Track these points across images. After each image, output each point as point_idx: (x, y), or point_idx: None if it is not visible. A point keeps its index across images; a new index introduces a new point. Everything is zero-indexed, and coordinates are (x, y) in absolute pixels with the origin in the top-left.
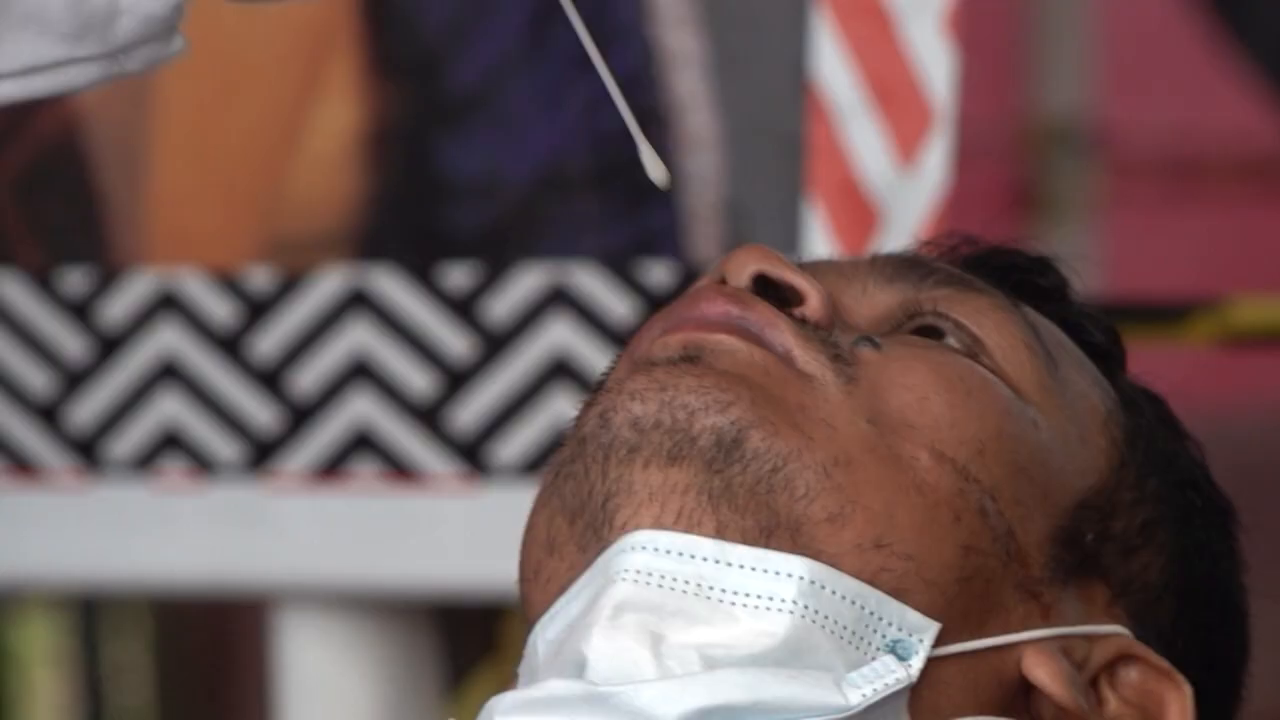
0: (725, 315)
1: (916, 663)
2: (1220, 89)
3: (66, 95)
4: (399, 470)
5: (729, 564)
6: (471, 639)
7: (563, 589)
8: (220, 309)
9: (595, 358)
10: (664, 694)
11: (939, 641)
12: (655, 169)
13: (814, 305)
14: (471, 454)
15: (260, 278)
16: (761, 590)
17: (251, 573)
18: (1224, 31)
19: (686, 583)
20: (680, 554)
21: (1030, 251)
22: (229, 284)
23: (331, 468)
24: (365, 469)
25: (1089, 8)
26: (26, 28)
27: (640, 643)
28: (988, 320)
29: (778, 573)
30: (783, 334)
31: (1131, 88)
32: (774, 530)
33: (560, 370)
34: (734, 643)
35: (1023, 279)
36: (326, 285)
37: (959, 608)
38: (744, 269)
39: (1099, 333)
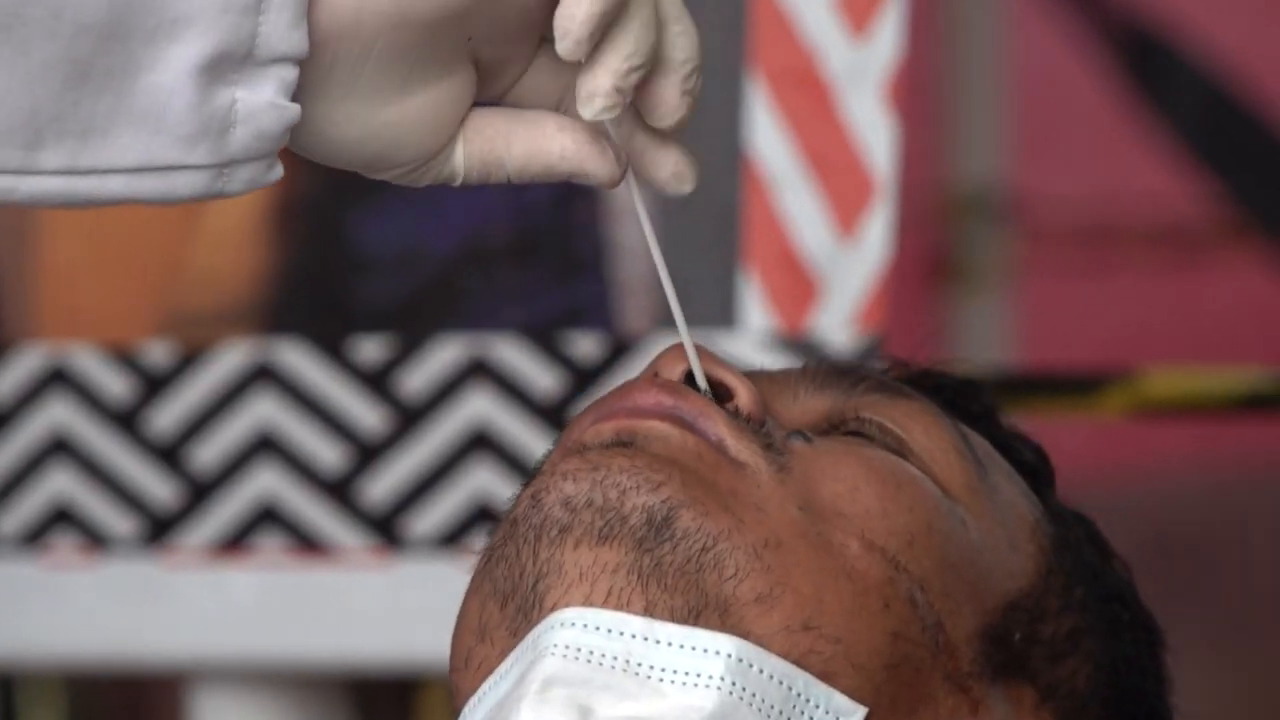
0: (658, 404)
1: None
2: (1135, 156)
3: (168, 204)
4: (307, 544)
5: (657, 641)
6: (386, 712)
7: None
8: (115, 384)
9: (517, 429)
10: None
11: None
12: (699, 380)
13: (744, 400)
14: (385, 527)
15: (158, 353)
16: (689, 667)
17: (150, 648)
18: (1141, 98)
19: (615, 658)
20: (609, 630)
21: (959, 374)
22: (125, 359)
23: (234, 542)
24: (270, 543)
25: (1003, 75)
26: (144, 125)
27: (568, 716)
28: (916, 424)
29: (705, 650)
30: (716, 424)
31: (1046, 155)
32: (702, 610)
33: (480, 442)
34: (663, 716)
35: (952, 400)
36: (229, 359)
37: (887, 694)
38: (676, 364)
39: (1028, 451)
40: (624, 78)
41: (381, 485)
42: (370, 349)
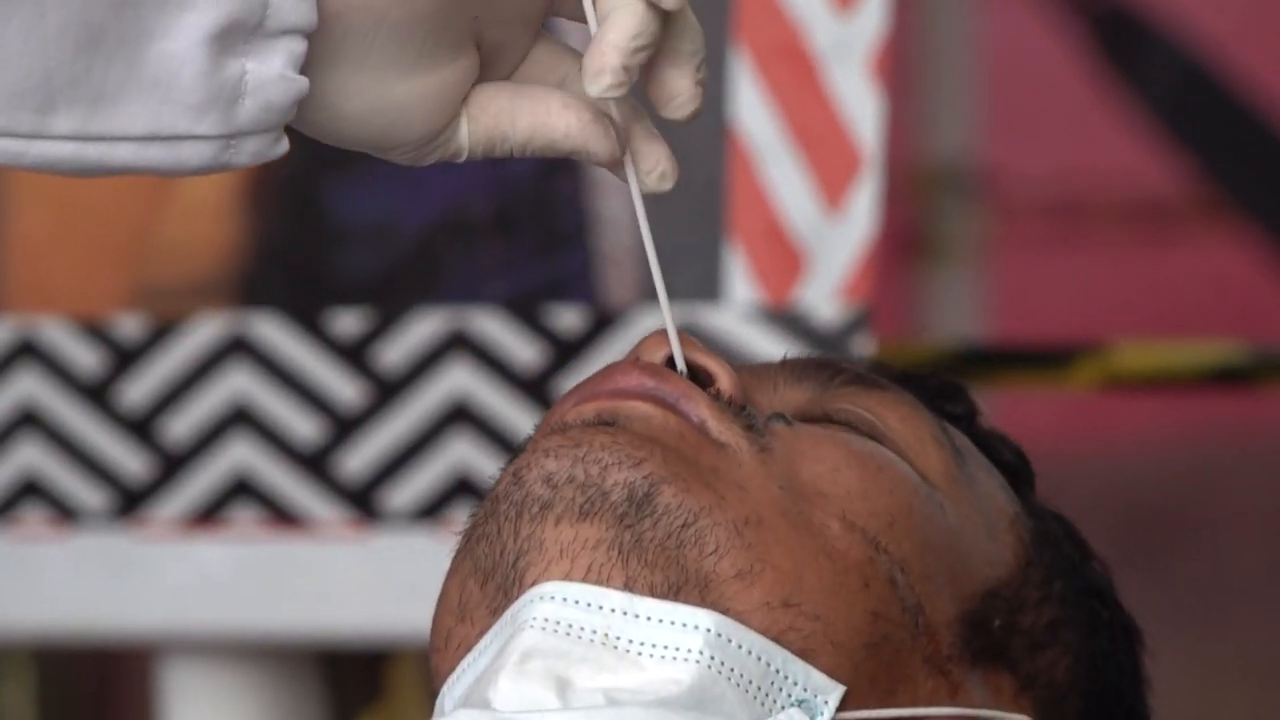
0: (640, 386)
1: None
2: (1106, 132)
3: (174, 175)
4: (282, 516)
5: (636, 615)
6: (356, 685)
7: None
8: (85, 357)
9: (498, 402)
10: None
11: (846, 706)
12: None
13: (726, 384)
14: (362, 500)
15: (129, 326)
16: (668, 641)
17: (122, 621)
18: (1112, 73)
19: (594, 632)
20: (589, 605)
21: (941, 377)
22: (95, 332)
23: (208, 514)
24: (244, 515)
25: (974, 51)
26: (153, 93)
27: (546, 687)
28: (891, 413)
29: (684, 624)
30: (698, 405)
31: (1017, 131)
32: (683, 586)
33: (460, 415)
34: (641, 688)
35: (932, 400)
36: (203, 332)
37: (867, 673)
38: (658, 349)
39: (1008, 452)
40: (631, 56)
41: (359, 458)
42: (348, 322)
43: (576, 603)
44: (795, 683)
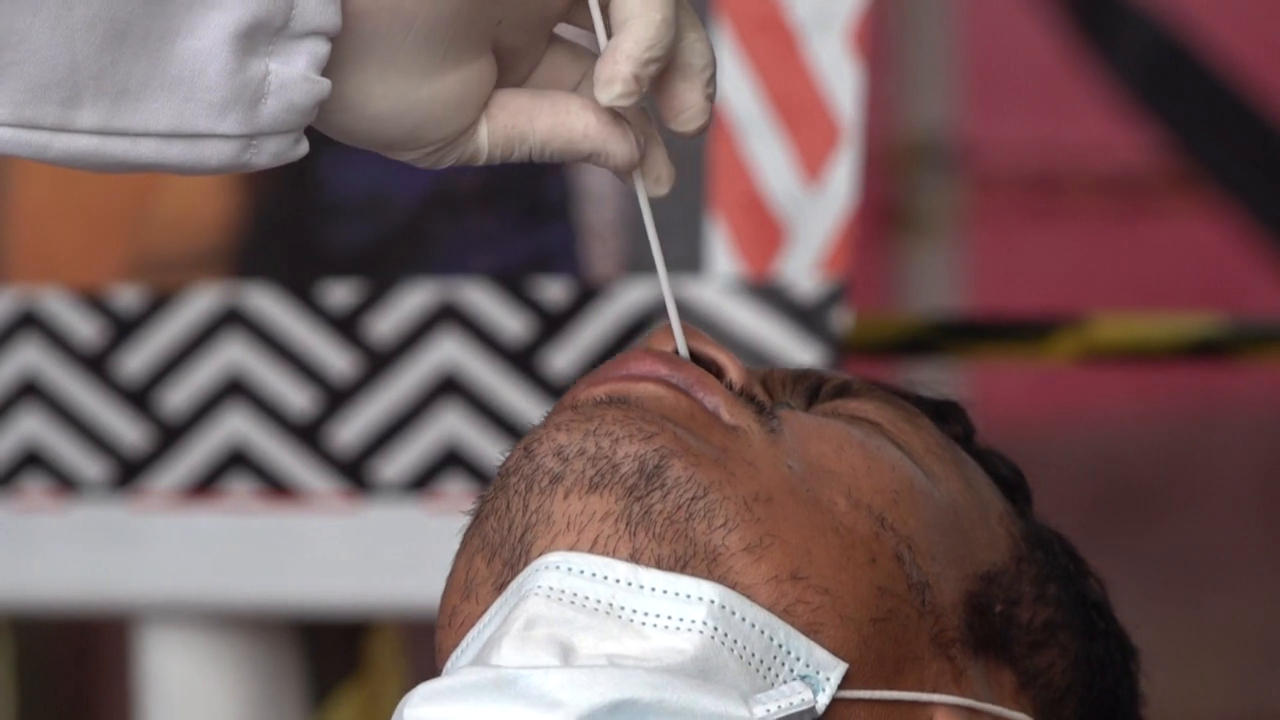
0: (654, 371)
1: (823, 699)
2: (1082, 105)
3: (195, 173)
4: (276, 487)
5: (641, 586)
6: (336, 656)
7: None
8: (85, 328)
9: (486, 374)
10: (572, 680)
11: (852, 684)
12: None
13: (735, 375)
14: (353, 471)
15: (128, 297)
16: (672, 612)
17: (118, 591)
18: (1088, 46)
19: (599, 601)
20: (594, 575)
21: (936, 395)
22: (94, 303)
23: (204, 485)
24: (240, 486)
25: (951, 24)
26: (177, 90)
27: (550, 652)
28: (869, 405)
29: (689, 596)
30: (711, 393)
31: (994, 104)
32: (690, 559)
33: (449, 386)
34: (644, 656)
35: (930, 418)
36: (199, 303)
37: (874, 650)
38: (666, 343)
39: (1005, 468)
40: (643, 66)
41: (350, 429)
42: (339, 293)
43: (581, 572)
44: (798, 658)
